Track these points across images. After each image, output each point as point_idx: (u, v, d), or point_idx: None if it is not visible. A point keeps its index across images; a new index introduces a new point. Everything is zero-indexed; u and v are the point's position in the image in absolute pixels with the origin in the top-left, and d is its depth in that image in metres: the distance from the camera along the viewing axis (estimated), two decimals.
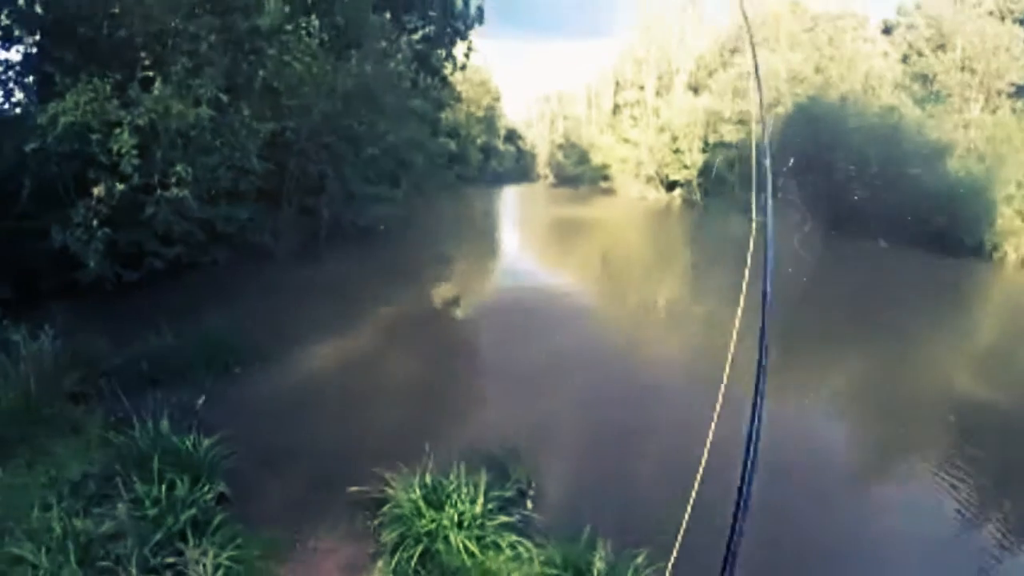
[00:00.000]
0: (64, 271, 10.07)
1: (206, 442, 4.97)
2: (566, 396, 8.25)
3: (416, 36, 25.02)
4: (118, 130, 8.38)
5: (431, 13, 26.56)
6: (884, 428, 8.42)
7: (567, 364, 9.70)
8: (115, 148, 8.31)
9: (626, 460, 6.45)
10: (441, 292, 15.06)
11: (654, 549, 3.80)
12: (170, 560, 3.84)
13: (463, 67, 31.63)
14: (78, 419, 6.31)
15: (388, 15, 22.44)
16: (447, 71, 29.71)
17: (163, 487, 4.24)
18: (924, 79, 36.96)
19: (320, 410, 7.22)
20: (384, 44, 20.26)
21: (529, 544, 4.21)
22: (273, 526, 4.55)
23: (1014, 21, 35.87)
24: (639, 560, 3.93)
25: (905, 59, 40.15)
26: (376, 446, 5.94)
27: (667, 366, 10.37)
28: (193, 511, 4.13)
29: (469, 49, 30.16)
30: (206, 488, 4.40)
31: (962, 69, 36.23)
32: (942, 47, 37.58)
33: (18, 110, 10.71)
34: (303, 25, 14.11)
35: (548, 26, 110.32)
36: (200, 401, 6.34)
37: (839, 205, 33.42)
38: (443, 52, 28.75)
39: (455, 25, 28.56)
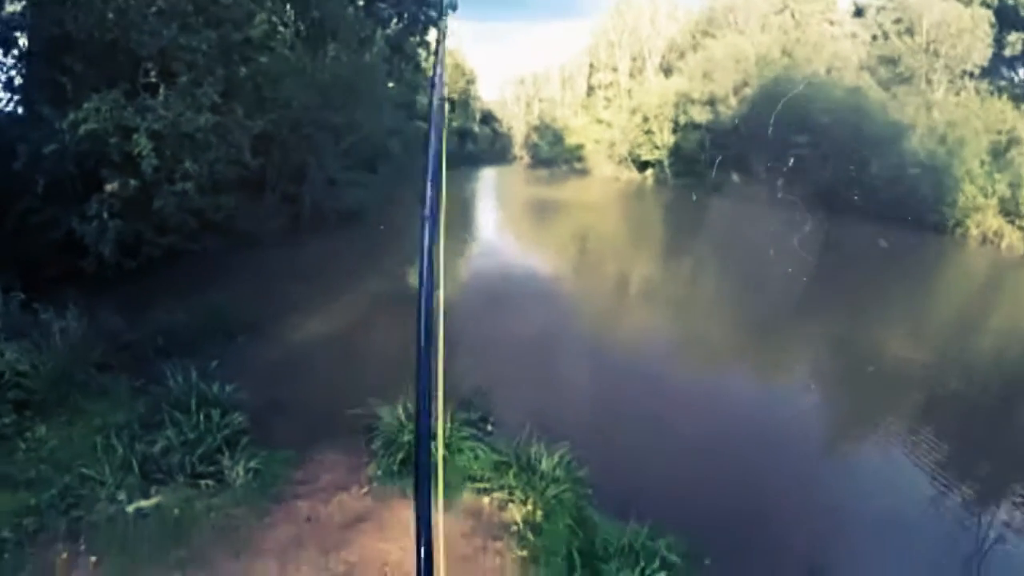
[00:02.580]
0: (66, 260, 11.01)
1: (228, 388, 6.15)
2: (522, 355, 9.63)
3: (390, 27, 25.75)
4: (136, 135, 9.43)
5: (404, 1, 27.23)
6: None
7: (524, 338, 11.06)
8: (135, 150, 9.35)
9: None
10: (414, 272, 16.16)
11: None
12: (211, 469, 5.05)
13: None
14: (106, 384, 7.29)
15: (362, 2, 23.15)
16: (421, 57, 30.46)
17: (201, 417, 5.44)
18: (890, 61, 37.78)
19: (314, 367, 8.50)
20: (360, 36, 21.04)
21: (486, 447, 5.55)
22: (286, 448, 5.77)
23: (980, 4, 36.53)
24: (563, 450, 5.42)
25: (874, 40, 40.87)
26: (359, 391, 6.91)
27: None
28: (227, 431, 5.35)
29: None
30: (235, 415, 5.61)
31: (926, 52, 37.01)
32: (909, 30, 38.24)
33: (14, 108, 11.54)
34: (278, 16, 14.83)
35: (523, 7, 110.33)
36: (214, 364, 7.48)
37: (805, 185, 34.78)
38: (417, 38, 29.47)
39: (428, 13, 29.27)
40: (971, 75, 36.74)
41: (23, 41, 11.13)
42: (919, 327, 14.67)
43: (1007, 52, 36.89)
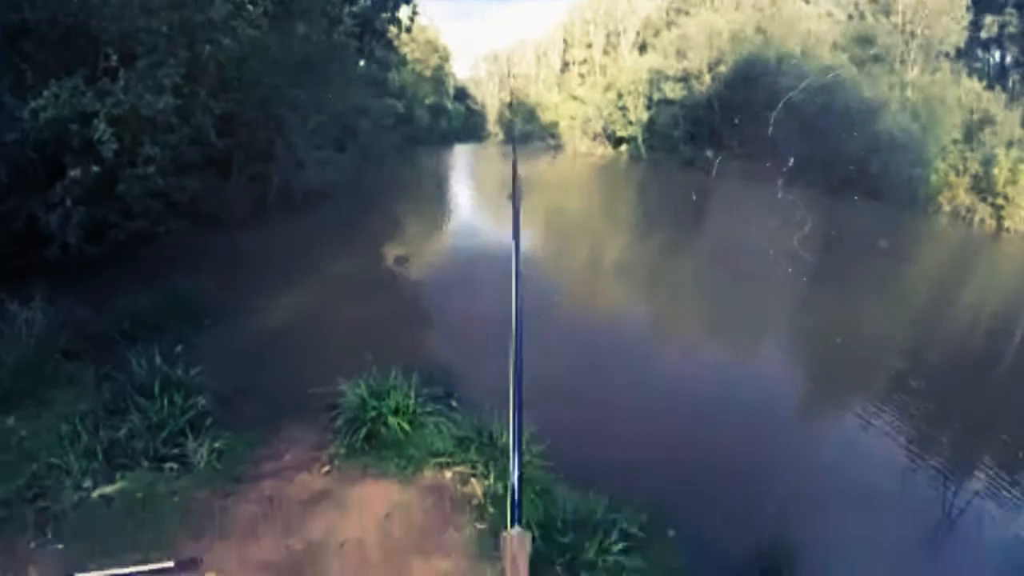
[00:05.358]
0: (29, 250, 10.80)
1: (192, 371, 6.19)
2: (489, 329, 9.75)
3: (358, 4, 25.30)
4: (96, 120, 9.31)
5: None
6: None
7: (494, 314, 11.13)
8: (94, 135, 9.23)
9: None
10: (385, 252, 16.24)
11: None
12: (175, 452, 5.14)
13: (408, 30, 31.92)
14: (72, 372, 7.32)
15: None
16: (392, 34, 30.00)
17: (165, 400, 5.49)
18: (865, 40, 37.54)
19: (280, 349, 8.54)
20: (329, 15, 20.62)
21: (449, 423, 5.72)
22: (251, 430, 5.86)
23: None
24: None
25: (850, 19, 40.79)
26: (328, 372, 6.87)
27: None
28: (190, 414, 5.43)
29: (414, 12, 30.50)
30: (199, 398, 5.68)
31: (902, 32, 37.02)
32: (885, 11, 38.25)
33: None
34: None
35: None
36: (179, 349, 7.49)
37: (777, 160, 35.04)
38: (388, 15, 29.00)
39: None
40: (947, 55, 36.83)
41: None
42: (885, 297, 15.17)
43: (983, 35, 37.28)
